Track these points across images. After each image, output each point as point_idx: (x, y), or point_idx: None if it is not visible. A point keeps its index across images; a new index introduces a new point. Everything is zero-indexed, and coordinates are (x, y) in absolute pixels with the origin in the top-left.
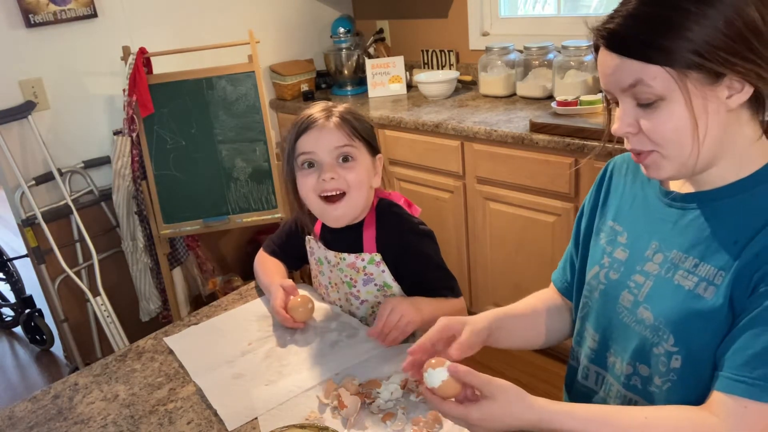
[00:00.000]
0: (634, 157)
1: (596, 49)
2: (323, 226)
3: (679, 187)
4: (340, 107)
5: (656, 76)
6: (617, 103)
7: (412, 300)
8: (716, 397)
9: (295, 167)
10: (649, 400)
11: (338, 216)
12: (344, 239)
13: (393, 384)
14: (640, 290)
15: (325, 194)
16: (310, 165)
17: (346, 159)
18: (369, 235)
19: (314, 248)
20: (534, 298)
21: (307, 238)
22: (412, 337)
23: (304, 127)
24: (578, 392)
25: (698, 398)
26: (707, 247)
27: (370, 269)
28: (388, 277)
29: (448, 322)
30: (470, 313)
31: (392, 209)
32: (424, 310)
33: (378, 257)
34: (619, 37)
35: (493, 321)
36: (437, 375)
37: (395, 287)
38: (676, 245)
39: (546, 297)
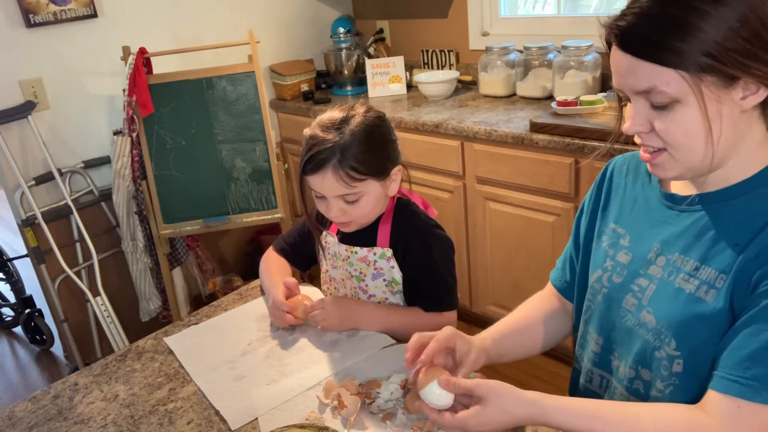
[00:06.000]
0: (643, 155)
1: (609, 46)
2: None
3: (680, 188)
4: (350, 129)
5: (670, 82)
6: (629, 100)
7: (358, 309)
8: (711, 396)
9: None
10: None
11: (351, 231)
12: (360, 233)
13: (393, 384)
14: (644, 294)
15: (336, 221)
16: (320, 195)
17: (349, 200)
18: (384, 230)
19: (330, 243)
20: (529, 306)
21: (324, 233)
22: None
23: (308, 169)
24: (582, 396)
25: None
26: (708, 249)
27: (380, 264)
28: (396, 273)
29: (452, 337)
30: (470, 312)
31: (410, 207)
32: (359, 324)
33: (389, 252)
34: (631, 36)
35: (491, 346)
36: (434, 393)
37: (402, 284)
38: (678, 248)
39: (542, 302)
